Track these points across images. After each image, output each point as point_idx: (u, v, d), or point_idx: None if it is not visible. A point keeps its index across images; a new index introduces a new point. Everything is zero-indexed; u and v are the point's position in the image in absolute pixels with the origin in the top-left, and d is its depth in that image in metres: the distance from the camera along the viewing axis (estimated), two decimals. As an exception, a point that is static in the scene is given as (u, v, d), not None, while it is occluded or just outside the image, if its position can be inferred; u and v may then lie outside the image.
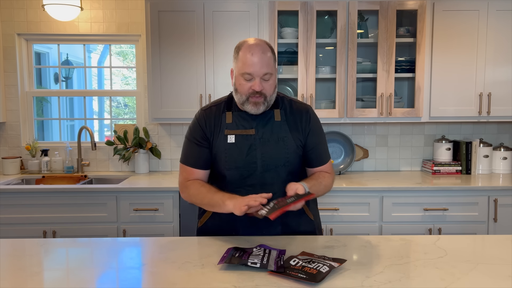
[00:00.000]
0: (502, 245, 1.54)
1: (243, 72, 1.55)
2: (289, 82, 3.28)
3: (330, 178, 1.71)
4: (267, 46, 1.59)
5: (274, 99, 1.64)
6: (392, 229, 2.82)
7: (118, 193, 2.82)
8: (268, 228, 1.65)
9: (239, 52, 1.57)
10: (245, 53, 1.55)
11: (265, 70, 1.54)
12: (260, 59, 1.53)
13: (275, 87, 1.62)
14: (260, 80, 1.55)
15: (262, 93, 1.56)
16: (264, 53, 1.55)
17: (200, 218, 1.75)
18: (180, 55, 3.01)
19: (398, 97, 3.12)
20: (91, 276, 1.30)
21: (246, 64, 1.54)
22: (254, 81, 1.55)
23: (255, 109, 1.58)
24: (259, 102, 1.57)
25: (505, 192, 2.82)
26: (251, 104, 1.58)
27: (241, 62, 1.56)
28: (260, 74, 1.54)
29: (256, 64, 1.53)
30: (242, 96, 1.58)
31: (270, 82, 1.58)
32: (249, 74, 1.54)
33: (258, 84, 1.54)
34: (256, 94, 1.56)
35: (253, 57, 1.53)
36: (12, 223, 2.80)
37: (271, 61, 1.57)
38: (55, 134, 4.00)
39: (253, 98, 1.56)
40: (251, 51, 1.54)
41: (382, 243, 1.57)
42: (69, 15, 3.14)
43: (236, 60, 1.59)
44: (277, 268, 1.29)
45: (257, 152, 1.61)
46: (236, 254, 1.37)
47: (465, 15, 2.98)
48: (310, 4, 2.94)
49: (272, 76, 1.58)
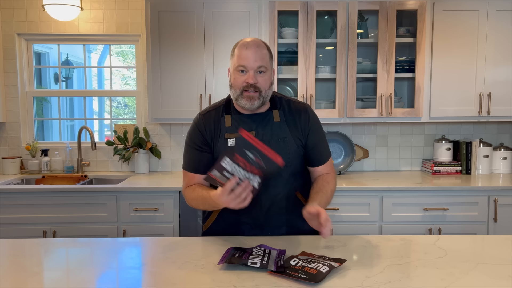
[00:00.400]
0: (502, 245, 1.54)
1: (237, 65, 1.56)
2: (289, 82, 3.28)
3: (333, 180, 1.69)
4: (263, 43, 1.59)
5: (269, 95, 1.62)
6: (392, 229, 2.82)
7: (118, 193, 2.82)
8: (273, 230, 1.66)
9: (235, 49, 1.59)
10: (240, 49, 1.56)
11: (259, 63, 1.54)
12: (254, 52, 1.54)
13: (271, 84, 1.61)
14: (254, 73, 1.54)
15: (257, 87, 1.55)
16: (258, 47, 1.55)
17: (205, 222, 1.75)
18: (180, 55, 3.01)
19: (398, 97, 3.12)
20: (91, 276, 1.30)
21: (240, 57, 1.55)
22: (248, 74, 1.55)
23: (249, 103, 1.56)
24: (254, 96, 1.56)
25: (505, 192, 2.82)
26: (245, 99, 1.56)
27: (236, 57, 1.57)
28: (254, 67, 1.54)
29: (250, 57, 1.53)
30: (236, 91, 1.58)
31: (265, 77, 1.57)
32: (243, 66, 1.54)
33: (252, 77, 1.54)
34: (250, 88, 1.55)
35: (247, 50, 1.54)
36: (12, 223, 2.80)
37: (266, 57, 1.57)
38: (55, 134, 4.00)
39: (248, 92, 1.55)
40: (246, 46, 1.55)
41: (382, 243, 1.57)
42: (69, 15, 3.14)
43: (232, 58, 1.60)
44: (277, 268, 1.29)
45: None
46: (236, 254, 1.37)
47: (465, 15, 2.98)
48: (310, 4, 2.94)
49: (267, 71, 1.57)
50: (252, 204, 1.62)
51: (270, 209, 1.64)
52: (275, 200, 1.63)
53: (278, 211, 1.65)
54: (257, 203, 1.62)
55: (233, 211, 1.65)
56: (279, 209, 1.65)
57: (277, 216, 1.65)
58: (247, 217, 1.65)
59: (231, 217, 1.67)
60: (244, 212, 1.64)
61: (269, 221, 1.65)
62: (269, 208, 1.64)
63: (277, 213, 1.65)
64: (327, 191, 1.62)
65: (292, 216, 1.67)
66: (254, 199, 1.62)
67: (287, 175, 1.64)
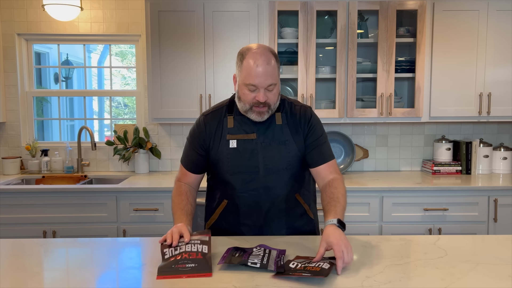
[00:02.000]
0: (502, 245, 1.54)
1: (248, 83, 1.51)
2: (289, 82, 3.28)
3: (341, 184, 1.60)
4: (271, 54, 1.54)
5: (277, 105, 1.61)
6: (392, 229, 2.82)
7: (118, 193, 2.82)
8: (272, 231, 1.66)
9: (243, 60, 1.52)
10: (249, 62, 1.50)
11: (270, 81, 1.51)
12: (265, 70, 1.49)
13: (279, 94, 1.61)
14: (265, 91, 1.52)
15: (266, 103, 1.54)
16: (269, 64, 1.50)
17: (207, 221, 1.77)
18: (180, 55, 3.01)
19: (398, 97, 3.12)
20: (91, 276, 1.30)
21: (250, 75, 1.50)
22: (259, 93, 1.52)
23: (259, 118, 1.57)
24: (263, 111, 1.55)
25: (505, 192, 2.82)
26: (255, 113, 1.56)
27: (245, 72, 1.51)
28: (265, 85, 1.51)
29: (261, 76, 1.49)
30: (245, 105, 1.56)
31: (274, 91, 1.55)
32: (254, 85, 1.51)
33: (263, 96, 1.52)
34: (260, 105, 1.54)
35: (258, 68, 1.49)
36: (12, 223, 2.80)
37: (275, 70, 1.53)
38: (55, 134, 4.00)
39: (257, 108, 1.54)
40: (256, 62, 1.49)
41: (382, 243, 1.57)
42: (69, 15, 3.14)
43: (240, 69, 1.54)
44: (277, 268, 1.29)
45: (259, 156, 1.60)
46: (236, 254, 1.37)
47: (465, 15, 2.98)
48: (310, 4, 2.94)
49: (276, 85, 1.55)
50: (252, 205, 1.63)
51: (269, 211, 1.64)
52: (275, 202, 1.63)
53: (278, 213, 1.65)
54: (257, 205, 1.63)
55: (234, 212, 1.66)
56: (279, 211, 1.65)
57: (276, 218, 1.66)
58: (247, 219, 1.65)
59: (232, 217, 1.67)
60: (244, 213, 1.65)
61: (268, 223, 1.65)
62: (269, 210, 1.64)
63: (276, 215, 1.65)
64: (338, 197, 1.52)
65: (291, 218, 1.67)
66: (254, 201, 1.63)
67: (287, 178, 1.63)
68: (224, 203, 1.67)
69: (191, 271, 1.27)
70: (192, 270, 1.27)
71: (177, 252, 1.34)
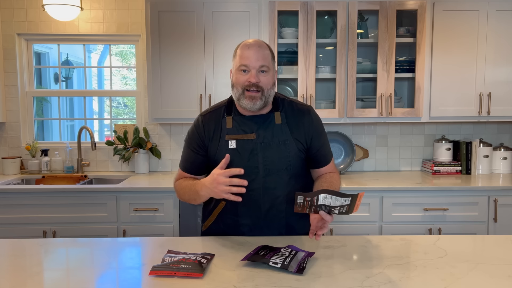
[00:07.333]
0: (502, 245, 1.54)
1: (240, 65, 1.56)
2: (289, 82, 3.28)
3: (338, 177, 1.70)
4: (265, 44, 1.60)
5: (272, 96, 1.61)
6: (392, 229, 2.82)
7: (118, 193, 2.82)
8: (272, 231, 1.65)
9: (237, 50, 1.60)
10: (242, 49, 1.57)
11: (261, 62, 1.55)
12: (256, 52, 1.55)
13: (273, 84, 1.61)
14: (257, 72, 1.55)
15: (259, 86, 1.54)
16: (260, 47, 1.56)
17: (204, 222, 1.75)
18: (180, 55, 3.01)
19: (398, 97, 3.12)
20: (91, 276, 1.30)
21: (242, 57, 1.56)
22: (250, 73, 1.55)
23: (251, 103, 1.55)
24: (256, 96, 1.55)
25: (505, 192, 2.82)
26: (247, 99, 1.55)
27: (238, 57, 1.58)
28: (256, 66, 1.54)
29: (252, 56, 1.54)
30: (238, 89, 1.57)
31: (267, 76, 1.57)
32: (245, 65, 1.55)
33: (254, 76, 1.54)
34: (252, 87, 1.54)
35: (250, 50, 1.55)
36: (12, 223, 2.80)
37: (268, 57, 1.58)
38: (55, 134, 4.00)
39: (250, 92, 1.55)
40: (248, 46, 1.57)
41: (382, 243, 1.57)
42: (69, 15, 3.14)
43: (234, 58, 1.61)
44: (298, 270, 1.28)
45: (258, 156, 1.59)
46: (261, 252, 1.38)
47: (465, 15, 2.98)
48: (310, 4, 2.94)
49: (269, 71, 1.57)
50: (252, 206, 1.63)
51: (269, 211, 1.63)
52: (274, 203, 1.63)
53: (277, 213, 1.64)
54: (257, 205, 1.62)
55: (232, 212, 1.65)
56: (278, 211, 1.64)
57: (276, 219, 1.65)
58: (246, 219, 1.64)
59: (230, 218, 1.66)
60: (244, 214, 1.64)
61: (268, 223, 1.65)
62: (268, 210, 1.63)
63: (276, 215, 1.64)
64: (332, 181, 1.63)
65: (291, 219, 1.66)
66: (253, 201, 1.62)
67: (287, 178, 1.63)
68: (222, 204, 1.66)
69: (183, 270, 1.28)
70: (184, 269, 1.28)
71: (176, 259, 1.35)
